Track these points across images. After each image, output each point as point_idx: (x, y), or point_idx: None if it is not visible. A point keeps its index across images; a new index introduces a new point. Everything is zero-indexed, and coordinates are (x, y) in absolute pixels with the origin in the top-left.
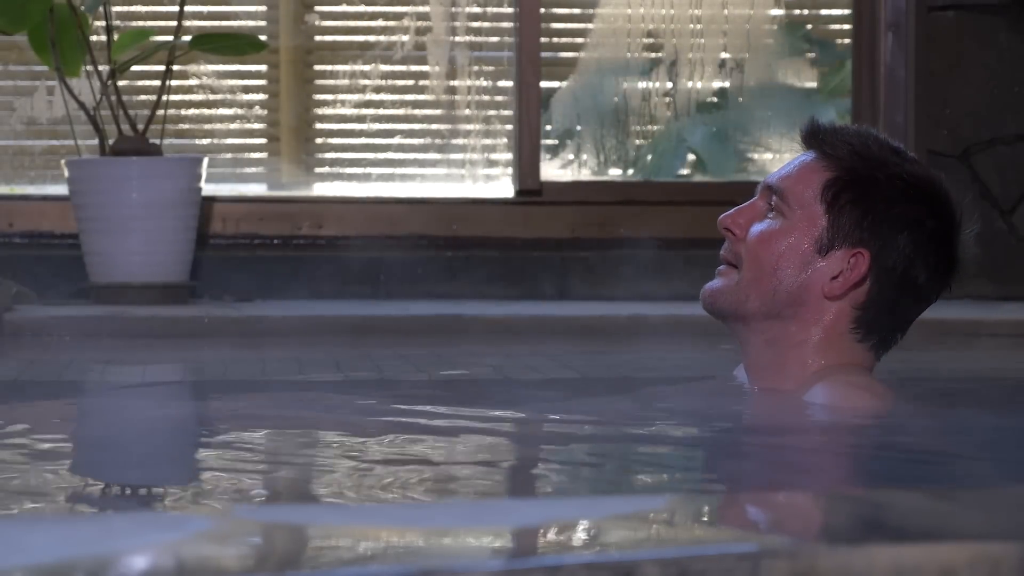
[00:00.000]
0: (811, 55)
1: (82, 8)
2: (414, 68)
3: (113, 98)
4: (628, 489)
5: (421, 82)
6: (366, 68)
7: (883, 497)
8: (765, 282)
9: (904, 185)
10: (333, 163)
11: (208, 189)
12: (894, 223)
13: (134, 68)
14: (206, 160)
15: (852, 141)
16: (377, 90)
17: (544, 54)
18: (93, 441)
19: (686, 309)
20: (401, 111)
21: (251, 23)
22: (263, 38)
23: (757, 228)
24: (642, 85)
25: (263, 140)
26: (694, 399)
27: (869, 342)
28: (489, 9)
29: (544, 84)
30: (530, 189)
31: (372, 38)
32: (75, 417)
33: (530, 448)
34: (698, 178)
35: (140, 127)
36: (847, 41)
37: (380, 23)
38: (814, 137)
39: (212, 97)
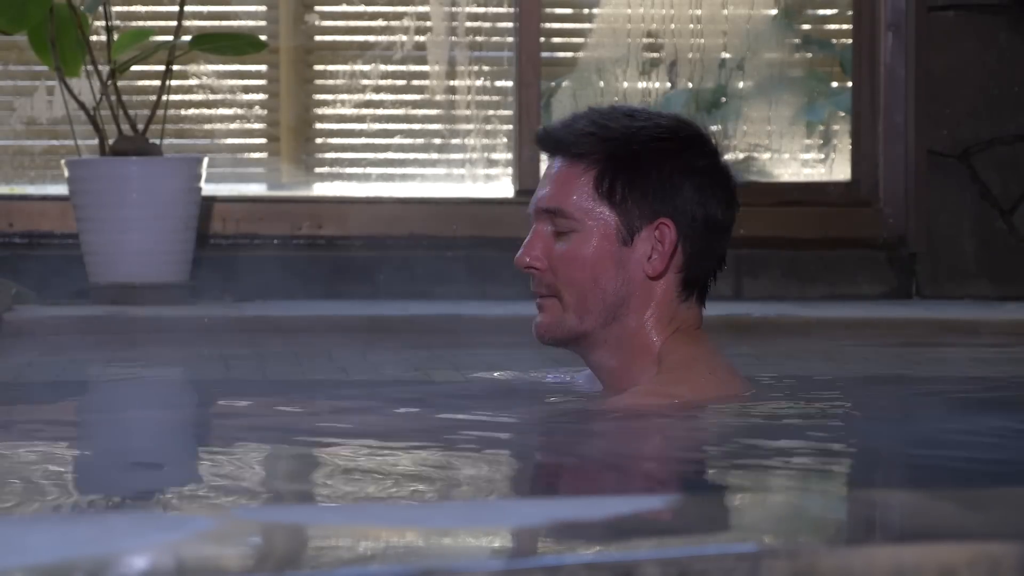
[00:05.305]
0: (810, 55)
1: (82, 8)
2: (414, 68)
3: (113, 98)
4: (628, 489)
5: (421, 82)
6: (366, 68)
7: (883, 497)
8: (592, 296)
9: (661, 141)
10: (333, 163)
11: (208, 189)
12: (673, 179)
13: (134, 68)
14: (206, 160)
15: (592, 130)
16: (377, 90)
17: (544, 54)
18: (93, 441)
19: None
20: (401, 111)
21: (251, 23)
22: (263, 38)
23: (559, 252)
24: (642, 85)
25: (263, 140)
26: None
27: (692, 298)
28: (489, 9)
29: (544, 84)
30: (530, 189)
31: (372, 38)
32: (75, 417)
33: (530, 448)
34: None
35: (140, 127)
36: (846, 41)
37: (380, 23)
38: (555, 145)
39: (212, 97)
